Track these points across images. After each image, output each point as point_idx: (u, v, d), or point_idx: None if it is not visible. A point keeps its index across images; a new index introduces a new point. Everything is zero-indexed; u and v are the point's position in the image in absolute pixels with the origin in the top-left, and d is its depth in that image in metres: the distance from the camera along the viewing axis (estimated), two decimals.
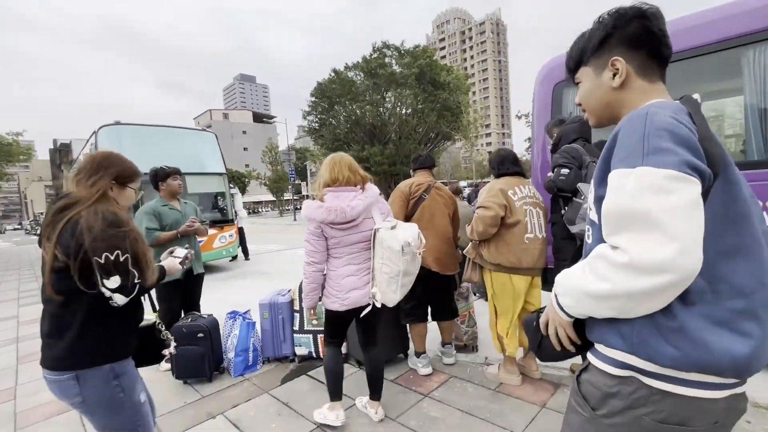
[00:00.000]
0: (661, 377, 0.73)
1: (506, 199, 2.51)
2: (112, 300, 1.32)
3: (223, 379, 3.07)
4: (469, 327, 3.46)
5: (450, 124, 24.58)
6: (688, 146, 0.69)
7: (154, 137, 8.32)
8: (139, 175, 1.58)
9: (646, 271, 0.66)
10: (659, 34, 0.84)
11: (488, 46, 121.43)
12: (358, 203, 2.03)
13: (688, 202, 0.65)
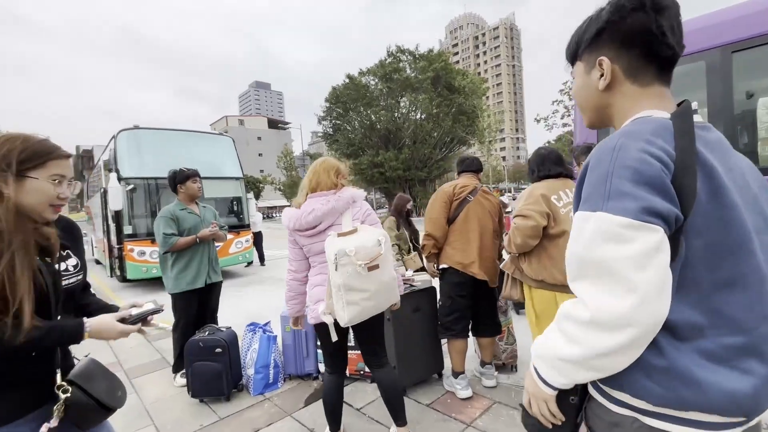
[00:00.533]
0: (657, 416, 0.69)
1: (549, 206, 2.16)
2: None
3: (242, 398, 2.83)
4: (509, 344, 3.15)
5: (466, 128, 24.28)
6: (653, 186, 0.64)
7: (172, 141, 8.28)
8: (54, 154, 1.06)
9: (609, 328, 0.64)
10: (657, 31, 0.72)
11: (502, 50, 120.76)
12: (318, 208, 1.86)
13: (645, 251, 0.62)
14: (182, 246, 2.97)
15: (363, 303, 1.74)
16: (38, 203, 1.03)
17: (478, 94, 24.61)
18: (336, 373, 2.09)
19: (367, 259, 1.70)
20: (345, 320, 1.74)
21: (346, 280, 1.70)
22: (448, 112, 23.17)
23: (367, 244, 1.73)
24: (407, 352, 2.71)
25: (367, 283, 1.73)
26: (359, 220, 1.92)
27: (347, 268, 1.69)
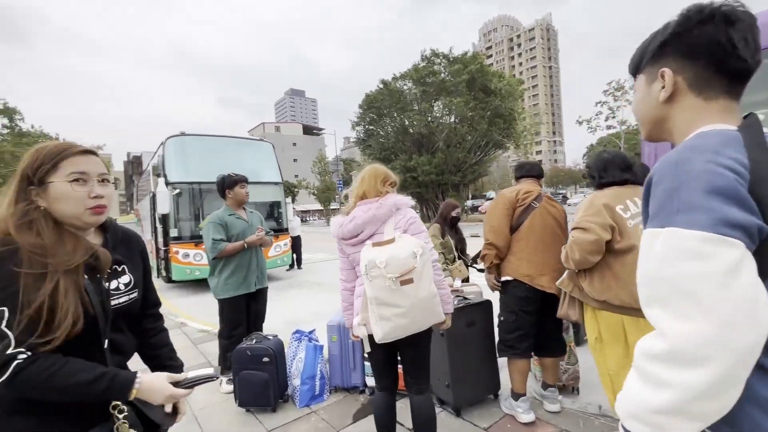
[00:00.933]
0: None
1: (613, 218, 1.87)
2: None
3: (288, 410, 2.75)
4: (570, 364, 2.88)
5: (502, 131, 23.63)
6: (729, 197, 0.57)
7: (216, 146, 8.55)
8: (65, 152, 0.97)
9: (692, 360, 0.55)
10: (727, 43, 0.68)
11: (538, 52, 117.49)
12: (360, 215, 1.78)
13: (725, 267, 0.54)
14: (230, 252, 2.96)
15: (396, 320, 1.61)
16: (71, 208, 0.95)
17: (515, 96, 23.93)
18: (385, 391, 1.95)
19: (399, 272, 1.57)
20: (379, 336, 1.63)
21: (377, 292, 1.59)
22: (483, 115, 22.63)
23: (399, 255, 1.60)
24: (462, 370, 2.52)
25: (400, 298, 1.59)
26: (401, 228, 1.79)
27: (377, 281, 1.58)
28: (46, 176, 0.94)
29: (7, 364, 0.80)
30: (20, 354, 0.81)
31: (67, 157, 0.96)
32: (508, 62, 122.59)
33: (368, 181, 1.88)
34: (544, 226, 2.36)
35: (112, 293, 1.05)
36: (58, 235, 0.93)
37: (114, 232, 1.13)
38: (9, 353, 0.80)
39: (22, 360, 0.81)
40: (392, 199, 1.82)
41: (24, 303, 0.83)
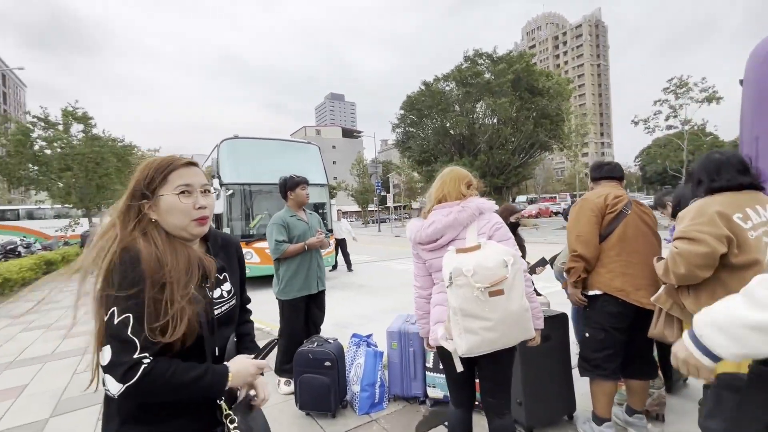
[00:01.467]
0: None
1: (730, 228, 1.59)
2: (105, 386, 0.85)
3: (347, 416, 2.69)
4: (655, 388, 2.60)
5: (548, 132, 22.63)
6: None
7: (267, 149, 8.81)
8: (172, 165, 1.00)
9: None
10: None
11: (585, 49, 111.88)
12: (439, 219, 1.69)
13: None
14: (292, 253, 2.97)
15: (484, 333, 1.46)
16: (178, 220, 0.98)
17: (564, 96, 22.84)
18: (462, 408, 1.82)
19: (488, 282, 1.43)
20: (462, 349, 1.50)
21: (462, 303, 1.46)
22: (528, 116, 21.80)
23: (488, 263, 1.46)
24: (536, 387, 2.34)
25: (489, 310, 1.45)
26: (486, 234, 1.66)
27: (464, 290, 1.45)
28: (157, 189, 0.97)
29: (135, 368, 0.82)
30: (144, 359, 0.83)
31: (174, 170, 0.99)
32: (552, 61, 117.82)
33: (450, 184, 1.78)
34: (637, 235, 2.13)
35: (216, 302, 1.04)
36: (171, 246, 0.95)
37: (215, 238, 1.13)
38: (136, 357, 0.82)
39: (147, 364, 0.83)
40: (475, 202, 1.70)
41: (148, 312, 0.85)
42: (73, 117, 13.10)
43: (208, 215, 1.03)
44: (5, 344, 4.95)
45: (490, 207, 1.73)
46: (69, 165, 12.72)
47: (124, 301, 0.84)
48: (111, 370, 0.82)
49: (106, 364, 0.82)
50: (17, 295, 8.71)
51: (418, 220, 1.83)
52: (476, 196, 1.76)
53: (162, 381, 0.84)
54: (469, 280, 1.43)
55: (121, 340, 0.82)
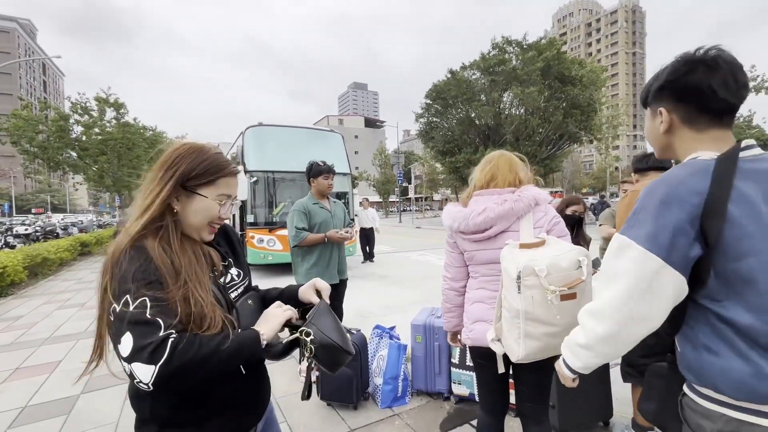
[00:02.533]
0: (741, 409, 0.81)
1: None
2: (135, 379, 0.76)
3: (369, 409, 2.63)
4: None
5: (579, 123, 21.69)
6: (668, 226, 0.82)
7: (291, 137, 8.81)
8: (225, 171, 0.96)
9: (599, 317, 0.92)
10: (707, 90, 0.86)
11: (620, 37, 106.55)
12: (491, 208, 1.51)
13: (637, 271, 0.84)
14: (311, 242, 2.90)
15: (546, 339, 1.30)
16: (200, 223, 0.94)
17: (597, 85, 21.78)
18: (493, 415, 1.67)
19: (562, 285, 1.26)
20: (518, 355, 1.33)
21: (529, 306, 1.28)
22: (558, 106, 20.91)
23: (562, 263, 1.28)
24: (571, 390, 2.19)
25: (558, 315, 1.27)
26: (543, 228, 1.49)
27: (533, 292, 1.27)
28: (199, 187, 0.92)
29: (163, 344, 0.75)
30: (171, 334, 0.77)
31: (225, 176, 0.95)
32: (584, 49, 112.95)
33: (503, 167, 1.60)
34: None
35: (228, 286, 1.02)
36: (181, 245, 0.91)
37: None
38: (162, 334, 0.76)
39: (174, 337, 0.77)
40: (531, 191, 1.52)
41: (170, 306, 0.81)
42: (107, 103, 13.55)
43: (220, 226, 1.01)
44: (42, 321, 5.18)
45: (546, 198, 1.55)
46: (103, 150, 13.21)
47: (138, 288, 0.78)
48: (136, 356, 0.73)
49: (129, 353, 0.74)
50: (55, 274, 9.14)
51: (456, 205, 1.66)
52: (531, 185, 1.59)
53: (193, 352, 0.77)
54: (541, 281, 1.26)
55: (141, 323, 0.76)
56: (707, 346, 0.84)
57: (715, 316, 0.83)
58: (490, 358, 1.54)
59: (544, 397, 1.57)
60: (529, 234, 1.48)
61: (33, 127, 12.54)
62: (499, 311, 1.41)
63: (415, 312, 2.99)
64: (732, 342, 0.80)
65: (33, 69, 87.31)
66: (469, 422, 2.44)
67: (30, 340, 4.38)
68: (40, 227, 17.75)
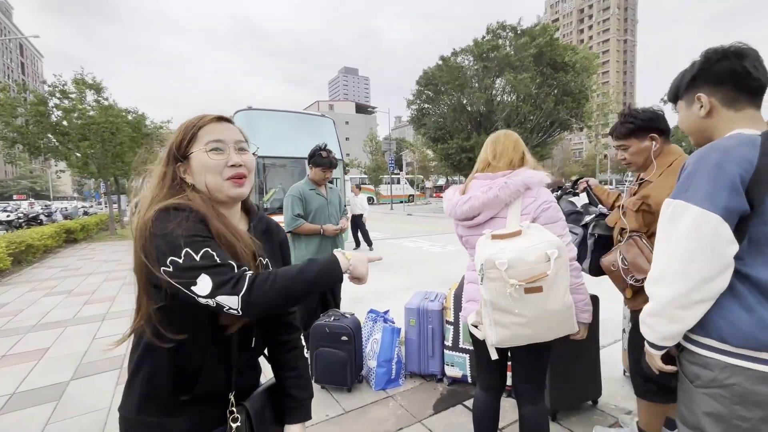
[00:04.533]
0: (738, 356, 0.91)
1: None
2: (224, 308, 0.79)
3: (363, 391, 2.65)
4: None
5: (570, 110, 21.73)
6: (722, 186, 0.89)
7: (281, 121, 8.64)
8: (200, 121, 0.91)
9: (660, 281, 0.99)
10: (742, 71, 0.99)
11: (612, 23, 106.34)
12: (476, 196, 1.51)
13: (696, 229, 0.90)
14: (306, 232, 2.89)
15: (516, 329, 1.33)
16: (210, 180, 0.89)
17: (589, 72, 21.77)
18: (490, 391, 1.67)
19: (524, 278, 1.25)
20: (492, 340, 1.39)
21: (493, 297, 1.31)
22: (550, 93, 20.90)
23: (527, 257, 1.26)
24: (563, 370, 2.23)
25: (522, 307, 1.29)
26: (529, 215, 1.45)
27: (495, 284, 1.28)
28: (187, 149, 0.89)
29: (241, 279, 0.77)
30: (246, 271, 0.79)
31: (203, 125, 0.90)
32: (576, 36, 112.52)
33: (507, 145, 1.57)
34: None
35: None
36: (213, 209, 0.87)
37: (260, 220, 1.03)
38: (237, 272, 0.77)
39: (251, 273, 0.78)
40: (521, 176, 1.47)
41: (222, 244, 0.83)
42: (84, 84, 13.03)
43: (245, 174, 0.91)
44: (28, 308, 5.08)
45: (540, 180, 1.48)
46: (86, 135, 12.77)
47: (197, 242, 0.78)
48: (219, 290, 0.75)
49: (211, 289, 0.75)
50: (40, 261, 8.96)
51: (454, 189, 1.66)
52: (526, 168, 1.53)
53: (270, 282, 0.78)
54: (501, 275, 1.25)
55: (216, 266, 0.77)
56: (717, 300, 0.91)
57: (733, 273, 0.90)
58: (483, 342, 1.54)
59: (539, 377, 1.58)
60: (515, 222, 1.45)
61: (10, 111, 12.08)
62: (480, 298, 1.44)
63: (407, 297, 3.00)
64: (742, 296, 0.89)
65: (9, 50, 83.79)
66: (462, 403, 2.48)
67: (16, 327, 4.30)
68: (23, 214, 17.32)
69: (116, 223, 15.99)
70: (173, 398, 0.85)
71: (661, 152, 1.72)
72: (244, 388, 0.96)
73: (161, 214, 0.79)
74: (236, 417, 0.89)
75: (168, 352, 0.82)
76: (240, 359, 0.92)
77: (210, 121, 0.91)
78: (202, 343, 0.85)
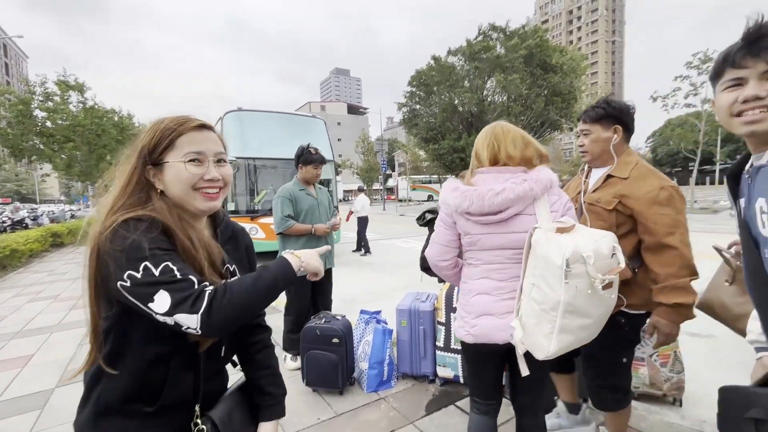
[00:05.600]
0: None
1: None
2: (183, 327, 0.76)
3: (355, 393, 2.63)
4: (675, 372, 2.51)
5: (560, 110, 21.99)
6: None
7: (272, 122, 8.59)
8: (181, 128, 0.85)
9: None
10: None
11: (600, 25, 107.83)
12: (511, 188, 1.33)
13: None
14: (297, 232, 2.87)
15: (579, 333, 1.21)
16: (182, 192, 0.84)
17: (577, 73, 22.05)
18: (489, 415, 1.54)
19: (604, 272, 1.15)
20: (548, 352, 1.21)
21: (572, 297, 1.15)
22: (540, 93, 21.13)
23: (603, 249, 1.17)
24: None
25: (596, 305, 1.19)
26: (558, 212, 1.37)
27: (579, 282, 1.14)
28: (162, 155, 0.83)
29: (201, 296, 0.73)
30: (206, 287, 0.75)
31: (183, 134, 0.84)
32: (565, 37, 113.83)
33: (498, 142, 1.42)
34: None
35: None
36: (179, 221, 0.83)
37: (226, 226, 1.00)
38: (197, 288, 0.74)
39: (210, 290, 0.75)
40: (547, 173, 1.39)
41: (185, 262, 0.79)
42: (67, 86, 12.80)
43: (220, 187, 0.88)
44: (12, 314, 4.96)
45: (557, 181, 1.43)
46: (70, 137, 12.55)
47: (156, 255, 0.74)
48: (178, 308, 0.71)
49: (169, 307, 0.71)
50: (25, 266, 8.77)
51: (459, 183, 1.46)
52: (544, 166, 1.44)
53: (230, 296, 0.75)
54: (588, 269, 1.13)
55: (175, 281, 0.73)
56: None
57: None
58: (496, 356, 1.46)
59: (542, 389, 1.49)
60: (547, 218, 1.33)
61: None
62: (527, 306, 1.27)
63: (399, 298, 2.99)
64: None
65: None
66: (454, 403, 2.48)
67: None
68: (8, 217, 16.93)
69: None
70: (135, 411, 0.81)
71: (621, 148, 1.69)
72: (212, 394, 0.94)
73: (122, 225, 0.75)
74: (201, 429, 0.86)
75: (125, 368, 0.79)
76: (208, 367, 0.89)
77: (191, 129, 0.85)
78: (167, 357, 0.82)
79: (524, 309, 1.27)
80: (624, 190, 1.60)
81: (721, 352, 3.05)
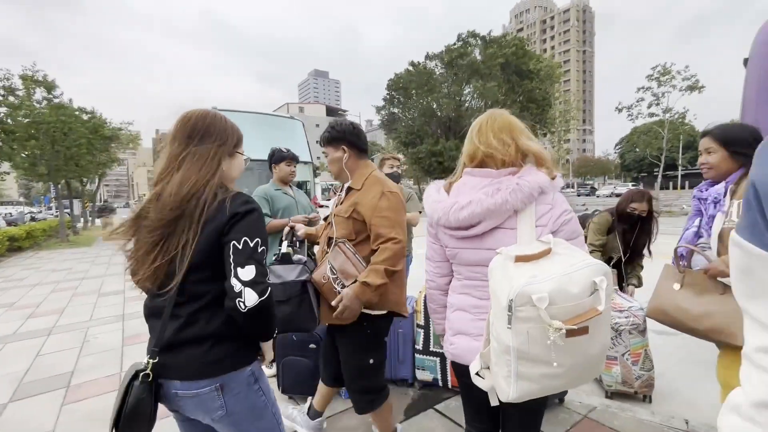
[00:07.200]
0: None
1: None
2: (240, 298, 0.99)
3: (333, 400, 2.57)
4: (645, 370, 2.59)
5: (534, 117, 22.65)
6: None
7: (247, 122, 8.39)
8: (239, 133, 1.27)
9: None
10: None
11: (572, 35, 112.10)
12: (478, 201, 1.15)
13: None
14: (274, 228, 2.77)
15: (545, 381, 1.00)
16: (237, 174, 1.22)
17: (552, 80, 22.82)
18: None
19: (570, 318, 0.93)
20: (508, 395, 1.01)
21: (523, 345, 0.95)
22: (516, 100, 21.72)
23: (571, 288, 0.94)
24: None
25: (562, 355, 0.96)
26: (547, 227, 1.15)
27: (529, 326, 0.94)
28: (236, 148, 1.21)
29: (266, 289, 1.01)
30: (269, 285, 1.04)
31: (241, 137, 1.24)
32: (539, 45, 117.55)
33: (490, 137, 1.22)
34: None
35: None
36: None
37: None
38: (267, 282, 1.03)
39: (270, 289, 1.04)
40: (535, 176, 1.15)
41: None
42: (34, 81, 12.12)
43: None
44: None
45: (555, 185, 1.17)
46: (33, 134, 11.85)
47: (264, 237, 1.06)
48: (254, 285, 0.98)
49: (250, 280, 0.98)
50: None
51: (437, 187, 1.34)
52: (533, 167, 1.20)
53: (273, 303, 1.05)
54: (540, 314, 0.91)
55: (263, 265, 1.03)
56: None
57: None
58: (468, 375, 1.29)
59: (536, 422, 1.34)
60: (529, 235, 1.13)
61: None
62: (487, 335, 1.10)
63: None
64: None
65: None
66: (433, 407, 2.46)
67: None
68: None
69: (68, 229, 14.93)
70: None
71: (355, 165, 1.83)
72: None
73: (243, 195, 1.09)
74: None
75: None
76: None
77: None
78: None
79: (491, 344, 1.08)
80: (357, 199, 1.75)
81: (687, 349, 3.18)
